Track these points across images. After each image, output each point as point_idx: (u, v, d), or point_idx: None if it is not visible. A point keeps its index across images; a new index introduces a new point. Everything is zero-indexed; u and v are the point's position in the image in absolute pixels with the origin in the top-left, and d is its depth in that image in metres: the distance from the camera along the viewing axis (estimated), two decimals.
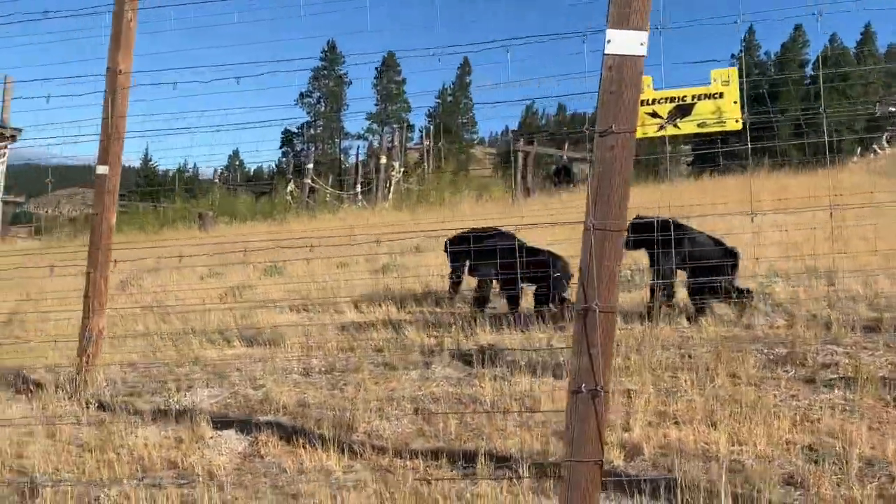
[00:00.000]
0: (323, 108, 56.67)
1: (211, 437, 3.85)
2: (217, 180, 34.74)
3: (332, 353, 5.25)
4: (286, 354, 5.29)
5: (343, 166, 50.56)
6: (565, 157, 21.95)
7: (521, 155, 18.82)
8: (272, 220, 20.96)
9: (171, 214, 23.10)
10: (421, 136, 33.28)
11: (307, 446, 3.59)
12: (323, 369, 4.92)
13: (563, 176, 20.94)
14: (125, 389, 4.79)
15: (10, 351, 5.71)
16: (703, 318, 5.24)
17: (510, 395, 4.06)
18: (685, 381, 3.98)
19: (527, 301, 6.13)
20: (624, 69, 1.66)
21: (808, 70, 53.02)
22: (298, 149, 57.14)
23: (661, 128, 3.91)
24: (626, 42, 1.65)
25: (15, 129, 16.14)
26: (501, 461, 3.27)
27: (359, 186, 30.11)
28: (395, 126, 48.56)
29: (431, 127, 27.87)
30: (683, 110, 3.88)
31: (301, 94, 55.76)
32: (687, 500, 2.71)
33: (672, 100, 3.89)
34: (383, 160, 24.05)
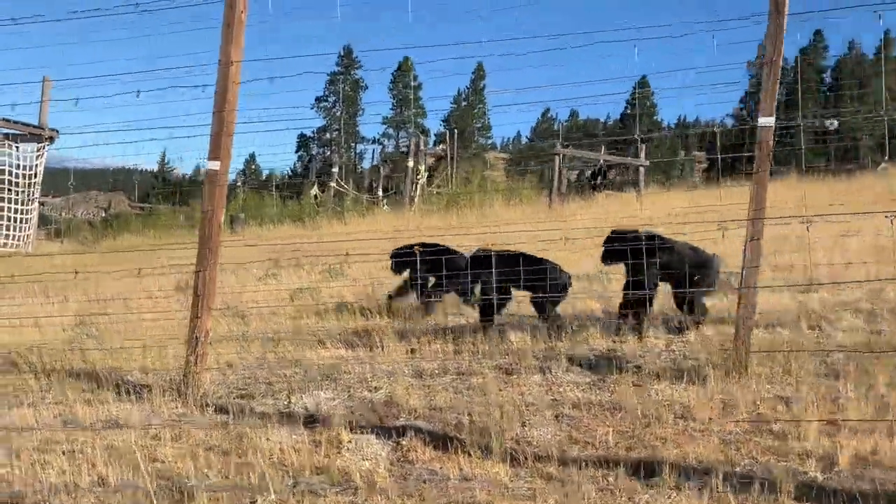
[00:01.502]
0: (339, 113, 56.63)
1: (349, 441, 3.70)
2: (239, 183, 34.70)
3: (439, 355, 5.09)
4: (388, 357, 5.14)
5: (358, 170, 50.49)
6: (602, 161, 21.83)
7: (557, 158, 18.70)
8: (301, 223, 20.84)
9: (198, 217, 22.96)
10: (435, 143, 33.16)
11: (460, 452, 3.43)
12: (436, 372, 4.77)
13: (599, 179, 20.82)
14: (235, 391, 4.65)
15: (97, 354, 5.56)
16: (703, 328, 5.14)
17: (657, 401, 3.89)
18: (841, 388, 3.81)
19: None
20: None
21: (826, 77, 52.75)
22: (314, 153, 57.14)
23: None
24: None
25: (53, 130, 16.07)
26: (681, 471, 3.10)
27: (381, 191, 29.97)
28: (411, 131, 48.41)
29: (455, 130, 27.76)
30: None
31: (317, 99, 55.71)
32: None
33: None
34: (410, 164, 23.92)
